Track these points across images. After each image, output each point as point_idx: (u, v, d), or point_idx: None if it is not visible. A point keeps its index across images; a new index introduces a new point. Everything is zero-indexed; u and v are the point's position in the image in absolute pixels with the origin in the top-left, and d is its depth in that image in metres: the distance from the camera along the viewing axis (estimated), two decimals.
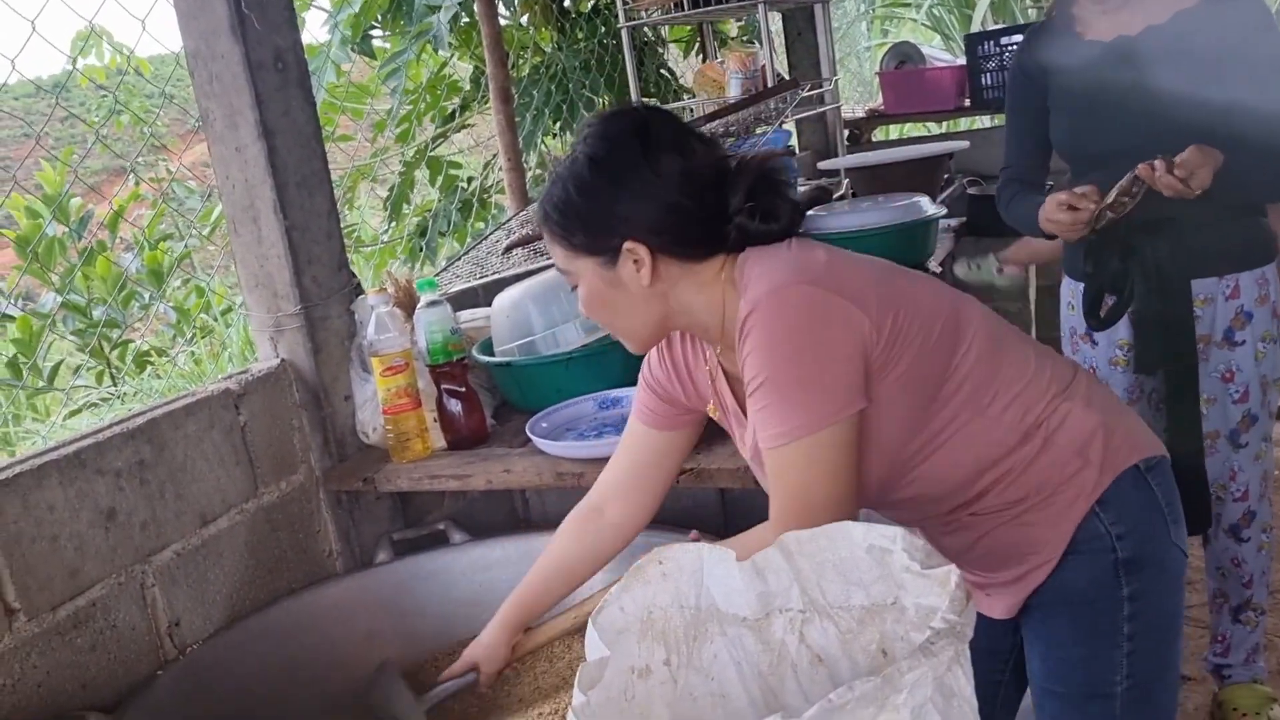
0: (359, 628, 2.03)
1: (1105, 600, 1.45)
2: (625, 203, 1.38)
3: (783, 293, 1.32)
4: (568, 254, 1.44)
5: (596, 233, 1.40)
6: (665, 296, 1.42)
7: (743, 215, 1.40)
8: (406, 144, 4.66)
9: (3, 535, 1.60)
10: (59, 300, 4.75)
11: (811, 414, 1.30)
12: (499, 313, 2.34)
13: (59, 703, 1.66)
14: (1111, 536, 1.43)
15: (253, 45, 2.04)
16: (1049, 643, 1.51)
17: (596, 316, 1.48)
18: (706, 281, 1.42)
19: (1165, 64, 2.11)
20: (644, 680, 1.11)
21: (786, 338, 1.31)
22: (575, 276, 1.45)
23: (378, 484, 2.11)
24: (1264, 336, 2.26)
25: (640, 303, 1.42)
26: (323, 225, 2.19)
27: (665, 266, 1.40)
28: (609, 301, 1.44)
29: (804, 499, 1.32)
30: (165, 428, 1.88)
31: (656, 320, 1.45)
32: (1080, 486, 1.42)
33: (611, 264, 1.40)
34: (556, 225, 1.43)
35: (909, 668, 0.82)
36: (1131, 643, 1.45)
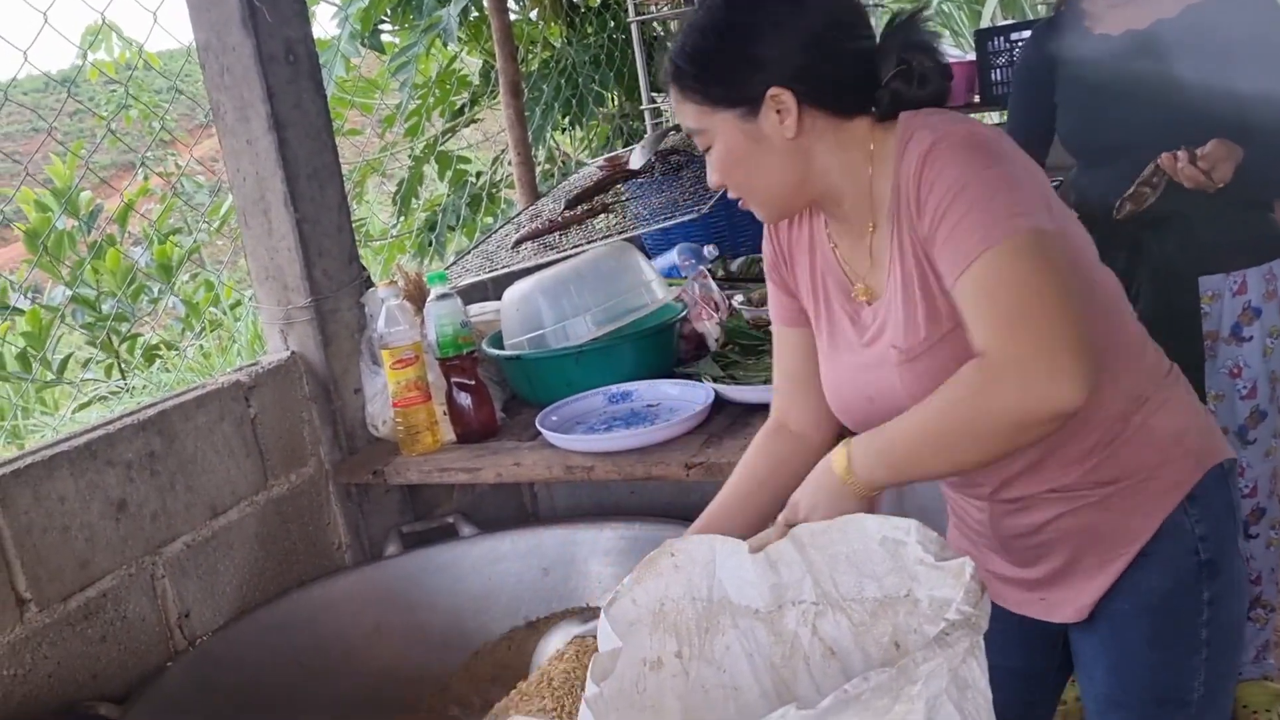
0: (368, 620, 2.03)
1: (1185, 604, 1.36)
2: (768, 44, 1.26)
3: (966, 128, 1.22)
4: (701, 110, 1.31)
5: (737, 79, 1.28)
6: (809, 153, 1.30)
7: (896, 79, 1.28)
8: (415, 138, 4.66)
9: (14, 526, 1.61)
10: (68, 294, 4.76)
11: (1011, 217, 1.15)
12: (509, 306, 2.34)
13: (70, 693, 1.67)
14: (1195, 535, 1.34)
15: (264, 38, 2.04)
16: (1123, 651, 1.40)
17: (732, 178, 1.34)
18: (851, 142, 1.30)
19: (1175, 57, 2.10)
20: (656, 672, 1.11)
21: (983, 151, 1.19)
22: (709, 136, 1.32)
23: (387, 477, 2.12)
24: (1272, 332, 2.25)
25: (782, 159, 1.29)
26: (333, 218, 2.19)
27: (811, 118, 1.28)
28: (748, 159, 1.31)
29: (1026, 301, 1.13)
30: (176, 419, 1.88)
31: (797, 180, 1.32)
32: (1175, 476, 1.34)
33: (753, 115, 1.28)
34: (690, 77, 1.30)
35: (924, 659, 0.82)
36: (1209, 648, 1.37)
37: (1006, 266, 1.14)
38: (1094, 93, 2.25)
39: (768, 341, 2.29)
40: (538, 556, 2.09)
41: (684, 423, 1.97)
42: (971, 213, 1.17)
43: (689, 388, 2.13)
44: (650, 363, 2.27)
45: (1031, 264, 1.14)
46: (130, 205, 4.74)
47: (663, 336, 2.32)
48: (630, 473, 1.92)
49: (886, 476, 1.22)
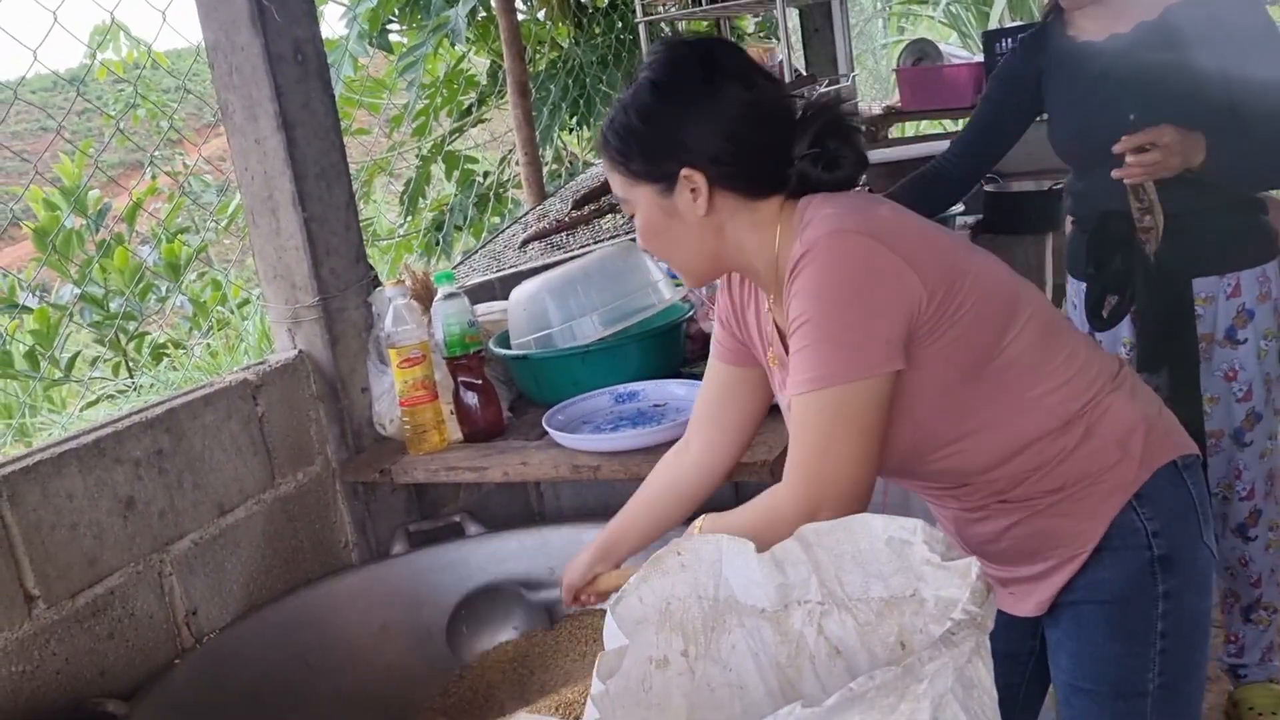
0: (374, 619, 2.03)
1: (1140, 598, 1.43)
2: (685, 128, 1.36)
3: (840, 238, 1.29)
4: (626, 181, 1.42)
5: (655, 158, 1.38)
6: (720, 230, 1.40)
7: (806, 160, 1.38)
8: (423, 138, 4.66)
9: (23, 523, 1.61)
10: (77, 292, 4.78)
11: (847, 363, 1.27)
12: (516, 306, 2.34)
13: (77, 689, 1.67)
14: (1147, 532, 1.41)
15: (273, 37, 2.04)
16: (1081, 640, 1.48)
17: (651, 246, 1.46)
18: (762, 222, 1.40)
19: (1158, 57, 2.11)
20: (662, 671, 1.11)
21: (836, 284, 1.28)
22: (632, 205, 1.44)
23: (394, 475, 2.12)
24: (1266, 334, 2.25)
25: (695, 234, 1.40)
26: (341, 217, 2.19)
27: (721, 198, 1.38)
28: (664, 231, 1.42)
29: (824, 451, 1.28)
30: (184, 417, 1.89)
31: (710, 253, 1.43)
32: (1119, 478, 1.40)
33: (668, 192, 1.38)
34: (616, 151, 1.42)
35: (930, 657, 0.82)
36: (1164, 640, 1.43)
37: (815, 414, 1.29)
38: (1081, 99, 2.26)
39: None
40: (544, 556, 2.09)
41: None
42: (807, 349, 1.29)
43: (695, 388, 2.12)
44: (657, 363, 2.27)
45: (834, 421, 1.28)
46: (139, 204, 4.75)
47: (669, 336, 2.32)
48: (637, 472, 1.92)
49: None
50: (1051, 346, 1.41)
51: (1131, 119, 2.10)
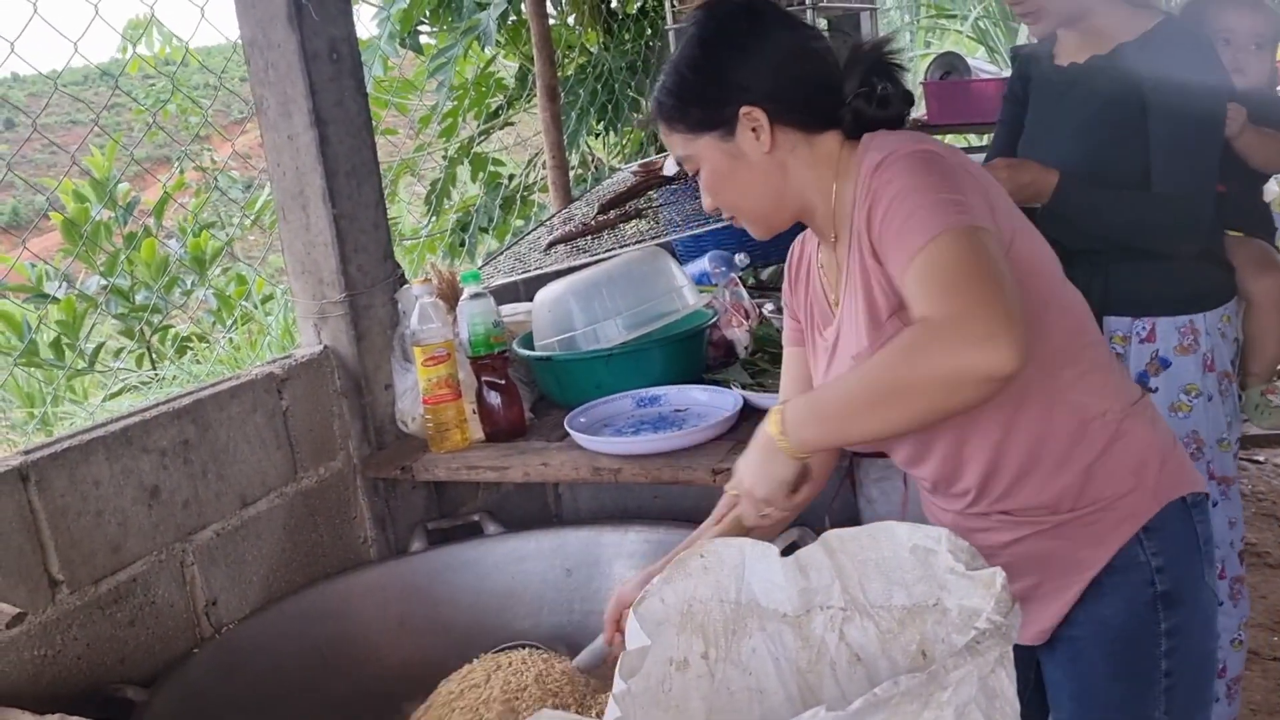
0: (391, 614, 2.04)
1: (1143, 636, 1.40)
2: (738, 69, 1.39)
3: (916, 147, 1.30)
4: (686, 137, 1.43)
5: (712, 103, 1.40)
6: (784, 168, 1.41)
7: (859, 98, 1.40)
8: (450, 139, 4.68)
9: (49, 508, 1.63)
10: (102, 284, 4.81)
11: (959, 212, 1.22)
12: (541, 307, 2.35)
13: (97, 675, 1.69)
14: (1151, 568, 1.38)
15: (309, 35, 2.06)
16: (1082, 682, 1.45)
17: (720, 197, 1.46)
18: (820, 158, 1.41)
19: (1088, 94, 2.08)
20: (682, 672, 1.12)
21: (928, 164, 1.28)
22: (696, 160, 1.44)
23: (415, 473, 2.13)
24: (1188, 389, 2.14)
25: (760, 174, 1.41)
26: (370, 215, 2.21)
27: (782, 134, 1.39)
28: (731, 176, 1.42)
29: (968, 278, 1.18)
30: (210, 409, 1.90)
31: (776, 194, 1.43)
32: (1130, 507, 1.38)
33: (730, 134, 1.40)
34: (672, 109, 1.43)
35: (954, 665, 0.82)
36: (1169, 679, 1.40)
37: (947, 251, 1.20)
38: (1033, 122, 2.24)
39: None
40: (561, 557, 2.10)
41: (712, 428, 1.97)
42: (917, 211, 1.24)
43: (717, 394, 2.14)
44: (679, 368, 2.28)
45: (970, 249, 1.20)
46: (168, 197, 4.79)
47: (692, 342, 2.33)
48: (657, 476, 1.93)
49: (817, 435, 1.30)
50: (1082, 340, 1.40)
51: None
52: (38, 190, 6.57)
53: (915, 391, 1.19)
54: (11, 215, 13.27)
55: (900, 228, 1.26)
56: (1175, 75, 1.98)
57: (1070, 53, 2.14)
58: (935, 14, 9.58)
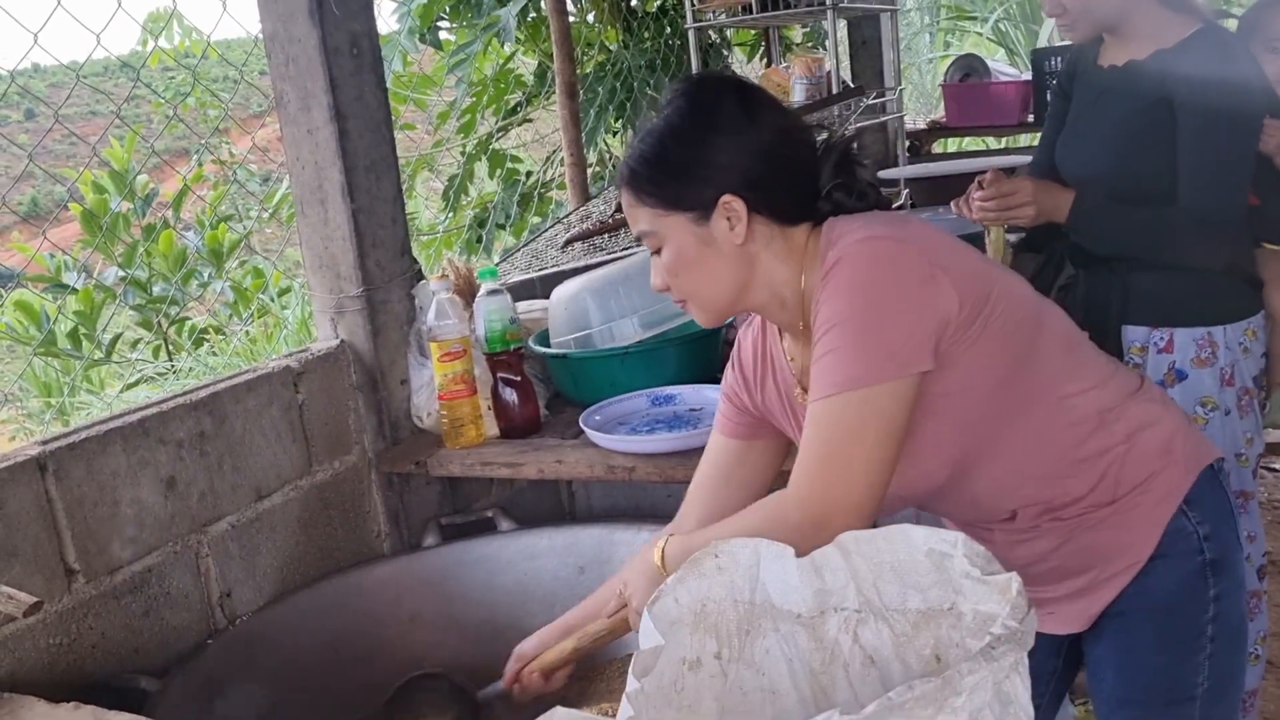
0: (404, 609, 2.05)
1: (1190, 604, 1.42)
2: (724, 152, 1.35)
3: (870, 243, 1.29)
4: (656, 212, 1.38)
5: (692, 185, 1.35)
6: (754, 260, 1.38)
7: (839, 189, 1.38)
8: (468, 136, 4.69)
9: (66, 498, 1.64)
10: (120, 275, 4.84)
11: (878, 364, 1.25)
12: (557, 305, 2.36)
13: (111, 665, 1.70)
14: (1199, 536, 1.40)
15: (330, 30, 2.07)
16: (1128, 652, 1.46)
17: (679, 280, 1.41)
18: (793, 250, 1.39)
19: (1121, 99, 2.07)
20: (694, 672, 1.11)
21: (865, 284, 1.27)
22: (660, 238, 1.39)
23: (429, 468, 2.13)
24: (1204, 402, 2.12)
25: (728, 263, 1.37)
26: (388, 210, 2.21)
27: (758, 226, 1.36)
28: (696, 262, 1.38)
29: (845, 458, 1.25)
30: (226, 401, 1.91)
31: (740, 285, 1.39)
32: (1169, 484, 1.40)
33: (704, 219, 1.36)
34: (647, 181, 1.38)
35: (969, 670, 0.82)
36: (1213, 644, 1.43)
37: (837, 417, 1.26)
38: (1072, 121, 2.24)
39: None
40: (574, 555, 2.10)
41: None
42: (835, 351, 1.27)
43: None
44: (695, 367, 2.28)
45: (858, 424, 1.25)
46: (187, 189, 4.81)
47: (708, 342, 2.33)
48: (671, 475, 1.93)
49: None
50: (1077, 356, 1.43)
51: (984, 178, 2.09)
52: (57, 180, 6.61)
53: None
54: (31, 205, 13.36)
55: (820, 360, 1.28)
56: (1208, 84, 1.96)
57: (1111, 55, 2.13)
58: (955, 15, 9.56)
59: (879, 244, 1.30)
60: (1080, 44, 2.28)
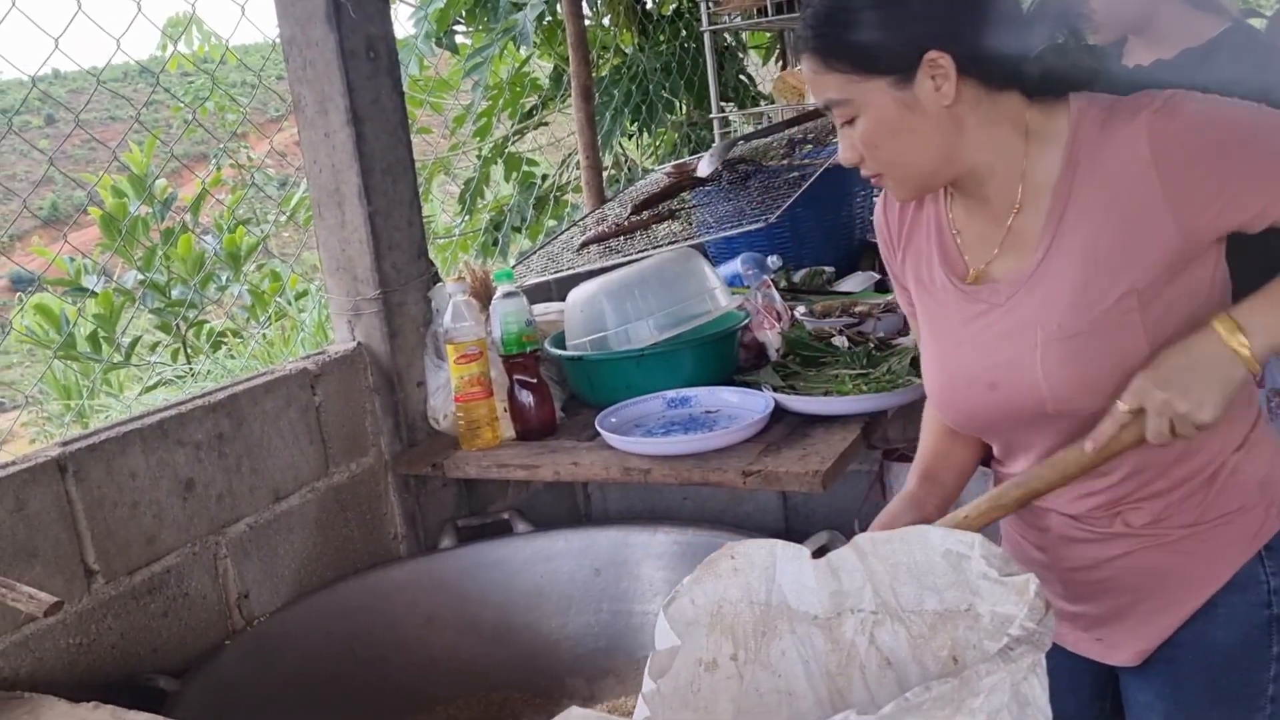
0: (420, 611, 2.05)
1: (1251, 659, 1.31)
2: (921, 4, 1.21)
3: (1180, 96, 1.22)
4: (849, 78, 1.23)
5: (892, 42, 1.21)
6: (961, 124, 1.24)
7: (1049, 51, 1.25)
8: (484, 139, 4.71)
9: (86, 499, 1.65)
10: (140, 278, 4.87)
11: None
12: (573, 307, 2.36)
13: (130, 665, 1.71)
14: (1269, 588, 1.30)
15: (347, 33, 2.08)
16: (1180, 703, 1.35)
17: (879, 152, 1.27)
18: (1000, 117, 1.25)
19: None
20: (710, 673, 1.11)
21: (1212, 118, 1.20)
22: (855, 106, 1.24)
23: (446, 470, 2.14)
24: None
25: (935, 128, 1.23)
26: (405, 213, 2.22)
27: (965, 86, 1.22)
28: (899, 129, 1.24)
29: None
30: (245, 403, 1.92)
31: (946, 154, 1.26)
32: (1253, 523, 1.30)
33: (908, 81, 1.21)
34: (837, 43, 1.23)
35: (987, 672, 0.81)
36: (1274, 705, 1.32)
37: None
38: None
39: (829, 353, 2.29)
40: (590, 557, 2.10)
41: (743, 430, 1.97)
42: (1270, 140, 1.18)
43: (749, 395, 2.13)
44: (710, 369, 2.27)
45: None
46: (205, 193, 4.84)
47: (724, 344, 2.32)
48: (687, 477, 1.93)
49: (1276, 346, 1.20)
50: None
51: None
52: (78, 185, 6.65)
53: None
54: (51, 210, 13.45)
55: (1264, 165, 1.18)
56: (1240, 83, 1.95)
57: (1137, 56, 2.12)
58: None
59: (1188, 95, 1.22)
60: (1103, 46, 2.27)
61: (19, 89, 12.45)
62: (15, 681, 1.54)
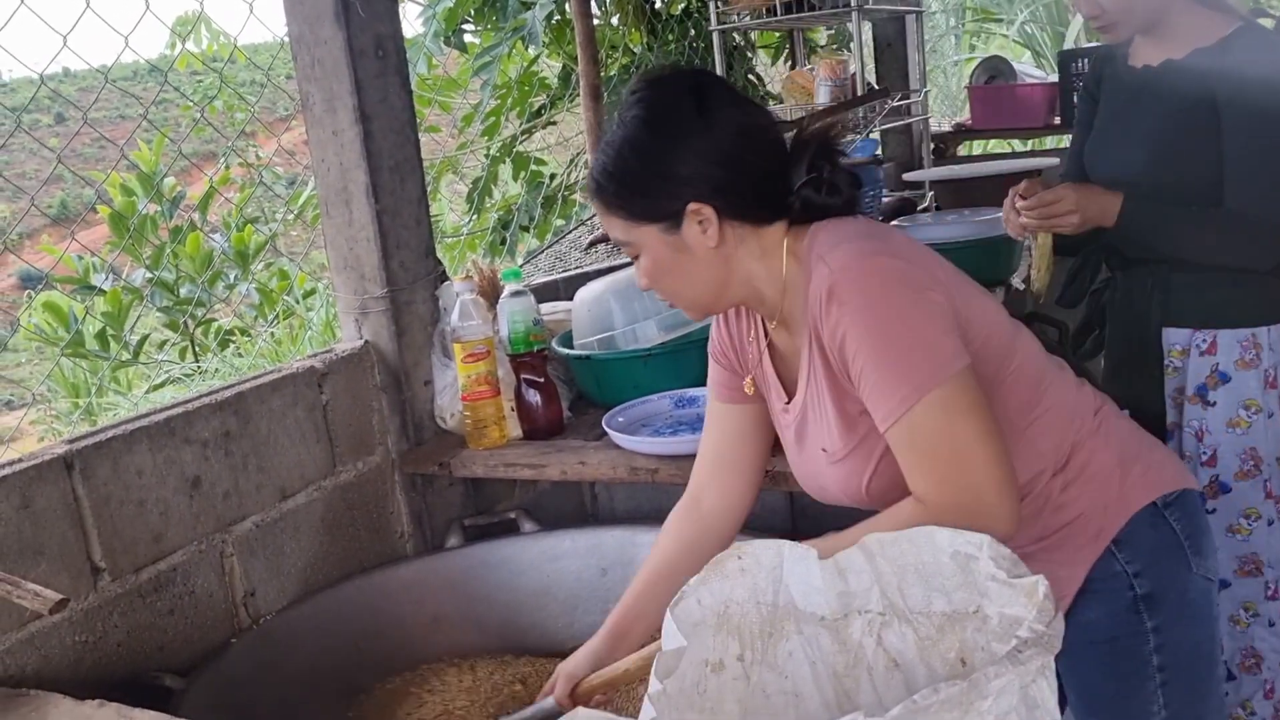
0: (427, 610, 2.05)
1: (1128, 636, 1.43)
2: (686, 162, 1.34)
3: (868, 262, 1.30)
4: (627, 224, 1.39)
5: (658, 198, 1.36)
6: (729, 260, 1.39)
7: (808, 186, 1.38)
8: (493, 138, 4.70)
9: (93, 496, 1.65)
10: (148, 277, 4.88)
11: (931, 367, 1.25)
12: (580, 306, 2.35)
13: (136, 663, 1.71)
14: (1129, 574, 1.42)
15: (355, 32, 2.07)
16: (1081, 683, 1.49)
17: (660, 285, 1.43)
18: (769, 248, 1.39)
19: (1160, 99, 2.03)
20: (717, 674, 1.11)
21: (880, 304, 1.28)
22: (636, 247, 1.40)
23: (453, 469, 2.14)
24: (1248, 405, 2.07)
25: (704, 266, 1.38)
26: (412, 211, 2.22)
27: (729, 228, 1.37)
28: (673, 268, 1.39)
29: (960, 457, 1.24)
30: (251, 401, 1.92)
31: (719, 284, 1.41)
32: (1096, 526, 1.42)
33: (675, 228, 1.36)
34: (613, 195, 1.39)
35: (996, 674, 0.81)
36: (1163, 674, 1.44)
37: (932, 420, 1.25)
38: (1103, 123, 2.20)
39: None
40: (597, 556, 2.09)
41: None
42: (892, 366, 1.26)
43: None
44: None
45: (954, 414, 1.25)
46: (214, 191, 4.85)
47: None
48: None
49: None
50: (1044, 385, 1.43)
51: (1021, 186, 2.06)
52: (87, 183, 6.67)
53: None
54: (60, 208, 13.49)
55: (878, 384, 1.27)
56: (1254, 81, 1.94)
57: (1144, 55, 2.10)
58: (981, 18, 9.51)
59: (876, 261, 1.31)
60: (1109, 46, 2.26)
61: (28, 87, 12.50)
62: (21, 679, 1.54)
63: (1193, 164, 1.99)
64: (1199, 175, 1.98)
